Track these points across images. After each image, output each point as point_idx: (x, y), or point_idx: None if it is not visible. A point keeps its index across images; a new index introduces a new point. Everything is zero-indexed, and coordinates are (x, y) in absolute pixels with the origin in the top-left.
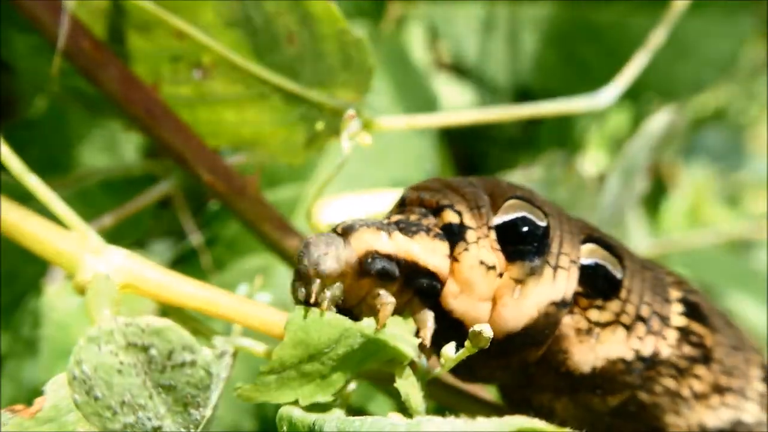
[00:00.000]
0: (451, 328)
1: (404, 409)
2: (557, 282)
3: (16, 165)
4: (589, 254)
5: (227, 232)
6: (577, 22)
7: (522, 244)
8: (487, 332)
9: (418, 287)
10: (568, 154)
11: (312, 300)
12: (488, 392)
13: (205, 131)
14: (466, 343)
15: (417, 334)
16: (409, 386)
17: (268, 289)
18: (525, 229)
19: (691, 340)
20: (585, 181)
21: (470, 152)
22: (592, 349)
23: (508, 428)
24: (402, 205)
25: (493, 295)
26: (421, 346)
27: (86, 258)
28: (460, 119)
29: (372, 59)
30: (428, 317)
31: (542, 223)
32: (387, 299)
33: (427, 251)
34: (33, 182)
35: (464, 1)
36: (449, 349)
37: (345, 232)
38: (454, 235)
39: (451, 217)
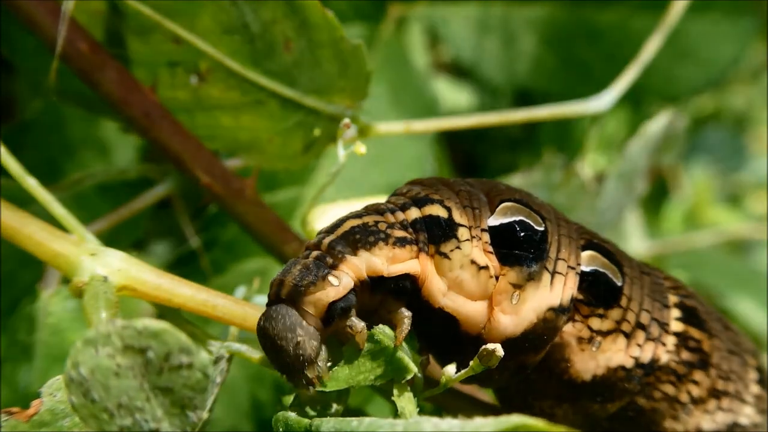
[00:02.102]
0: (442, 324)
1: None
2: (555, 288)
3: (15, 167)
4: (590, 262)
5: (226, 234)
6: (577, 23)
7: (519, 249)
8: (500, 352)
9: (387, 290)
10: (567, 157)
11: (318, 381)
12: (485, 395)
13: (203, 135)
14: (472, 362)
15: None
16: (405, 401)
17: (265, 292)
18: (522, 233)
19: (689, 346)
20: (584, 184)
21: (470, 153)
22: (593, 357)
23: (505, 426)
24: (393, 196)
25: (486, 295)
26: (422, 363)
27: (83, 260)
28: (458, 124)
29: (369, 66)
30: (405, 317)
31: (540, 228)
32: (358, 326)
33: (387, 260)
34: (32, 185)
35: (464, 3)
36: (450, 370)
37: (292, 298)
38: (441, 229)
39: (437, 211)
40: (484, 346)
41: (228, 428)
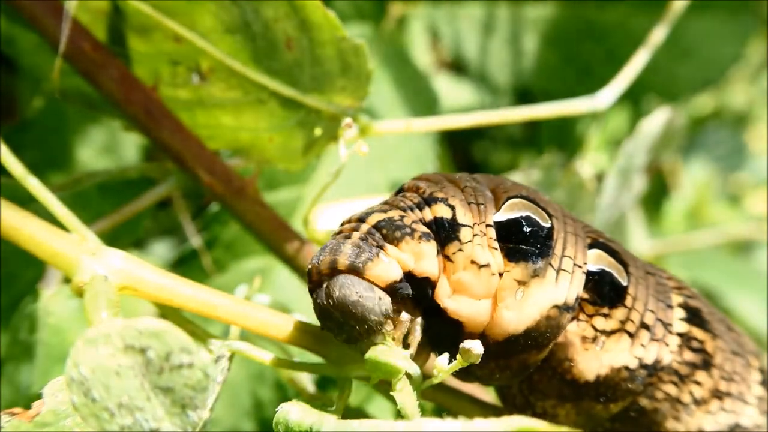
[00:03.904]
0: (445, 323)
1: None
2: (559, 285)
3: (16, 167)
4: (595, 261)
5: (226, 233)
6: (579, 22)
7: (525, 245)
8: (477, 350)
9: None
10: (567, 155)
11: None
12: (487, 394)
13: (204, 134)
14: (458, 356)
15: (406, 338)
16: (404, 396)
17: (266, 291)
18: (529, 229)
19: (692, 346)
20: (584, 182)
21: (470, 151)
22: (597, 357)
23: (507, 428)
24: (399, 193)
25: (490, 293)
26: (416, 358)
27: (84, 260)
28: (459, 122)
29: (370, 65)
30: (417, 325)
31: (546, 224)
32: (404, 318)
33: (414, 257)
34: (33, 184)
35: (465, 2)
36: (442, 361)
37: (354, 272)
38: (445, 231)
39: (442, 211)
40: (462, 343)
41: (229, 427)
